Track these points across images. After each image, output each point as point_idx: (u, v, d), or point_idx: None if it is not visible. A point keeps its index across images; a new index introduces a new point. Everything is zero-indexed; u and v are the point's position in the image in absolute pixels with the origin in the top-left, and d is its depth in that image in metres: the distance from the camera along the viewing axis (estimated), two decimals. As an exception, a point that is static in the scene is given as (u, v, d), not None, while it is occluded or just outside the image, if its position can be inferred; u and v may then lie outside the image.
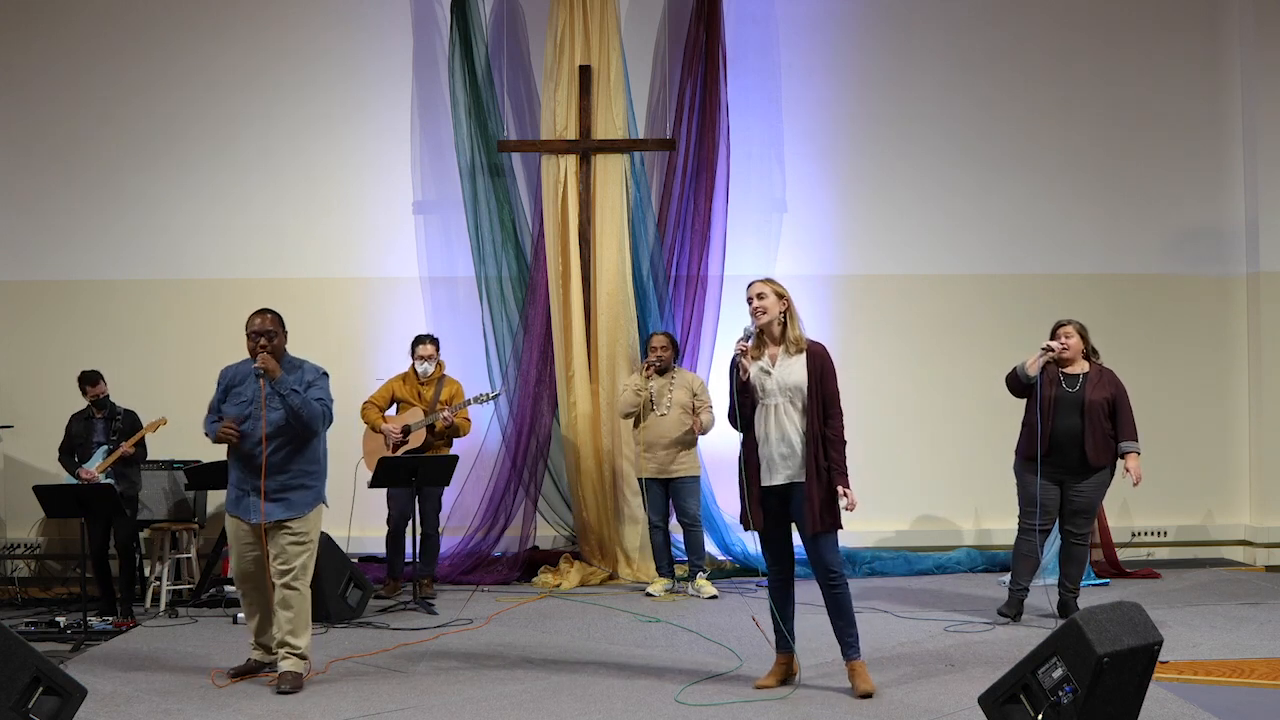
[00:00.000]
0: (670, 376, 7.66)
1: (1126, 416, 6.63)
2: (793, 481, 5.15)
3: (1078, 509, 6.65)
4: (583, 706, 5.08)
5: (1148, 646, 4.26)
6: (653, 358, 7.66)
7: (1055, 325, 6.77)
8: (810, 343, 5.25)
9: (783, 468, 5.16)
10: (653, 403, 7.57)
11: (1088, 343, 6.73)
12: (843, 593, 5.19)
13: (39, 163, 8.67)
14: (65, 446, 7.47)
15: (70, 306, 8.64)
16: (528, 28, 8.71)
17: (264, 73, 8.71)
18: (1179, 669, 5.51)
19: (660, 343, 7.72)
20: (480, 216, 8.46)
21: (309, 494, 5.59)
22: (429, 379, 7.79)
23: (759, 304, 5.23)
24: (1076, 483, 6.62)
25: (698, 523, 7.62)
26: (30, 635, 6.45)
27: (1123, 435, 6.62)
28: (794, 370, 5.18)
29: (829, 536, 5.14)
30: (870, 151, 8.87)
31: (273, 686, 5.42)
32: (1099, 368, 6.72)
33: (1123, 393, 6.66)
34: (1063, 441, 6.56)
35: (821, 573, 5.17)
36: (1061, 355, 6.64)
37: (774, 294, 5.22)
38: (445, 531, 7.99)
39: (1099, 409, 6.55)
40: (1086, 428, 6.53)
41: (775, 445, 5.16)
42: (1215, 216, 8.97)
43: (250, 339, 5.57)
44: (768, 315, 5.21)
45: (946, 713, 4.92)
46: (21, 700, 4.38)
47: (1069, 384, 6.63)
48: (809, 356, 5.20)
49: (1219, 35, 9.00)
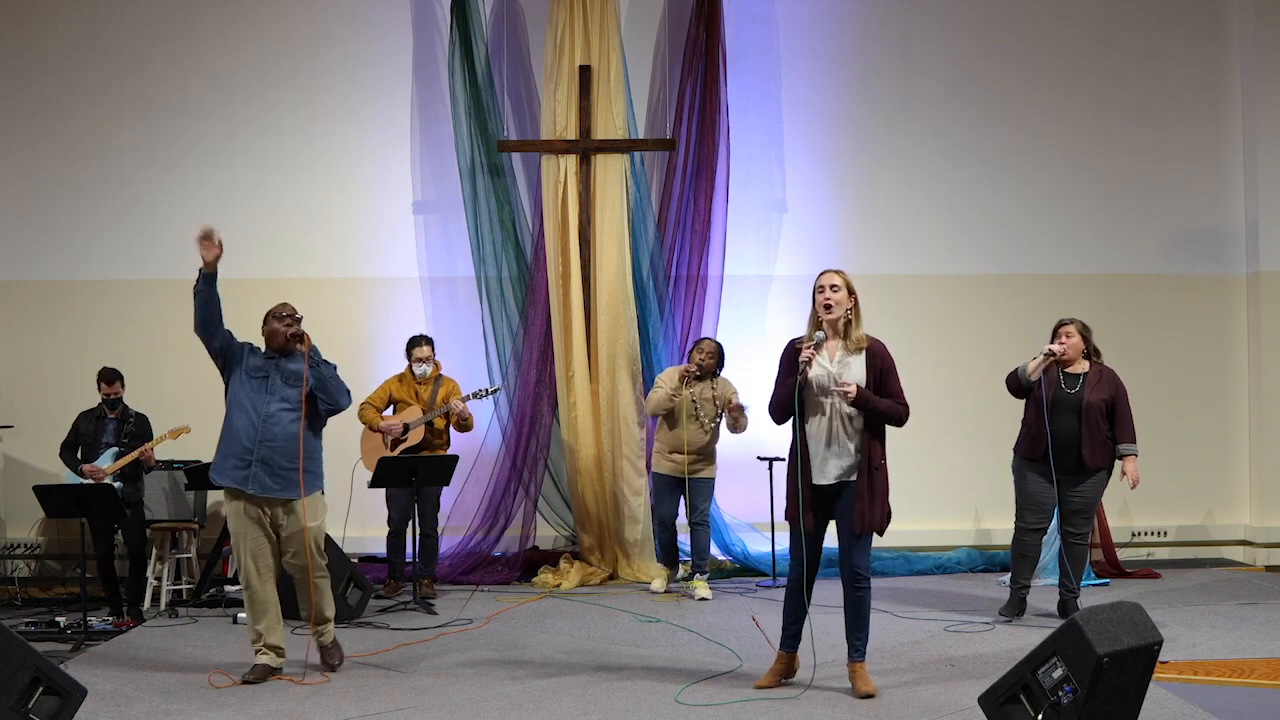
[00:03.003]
0: (711, 384, 7.48)
1: (1125, 418, 6.59)
2: (843, 481, 5.09)
3: (1076, 509, 6.64)
4: (583, 706, 5.08)
5: (1148, 646, 4.26)
6: (693, 365, 7.45)
7: (1057, 324, 6.75)
8: (871, 340, 5.15)
9: (835, 467, 5.08)
10: (696, 411, 7.40)
11: (1089, 342, 6.70)
12: (865, 595, 5.16)
13: (39, 163, 8.68)
14: (70, 443, 7.36)
15: (70, 306, 8.64)
16: (528, 28, 8.72)
17: (264, 73, 8.72)
18: (1179, 669, 5.51)
19: (708, 348, 7.51)
20: (480, 216, 8.46)
21: (310, 478, 5.62)
22: (426, 379, 7.79)
23: (831, 296, 5.08)
24: (1074, 483, 6.61)
25: (706, 522, 7.58)
26: (30, 635, 6.45)
27: (1120, 437, 6.58)
28: (853, 369, 5.08)
29: (866, 538, 5.09)
30: (870, 151, 8.88)
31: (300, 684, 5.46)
32: (1099, 368, 6.69)
33: (1123, 393, 6.62)
34: (1060, 443, 6.54)
35: (849, 573, 5.13)
36: (1062, 356, 6.62)
37: (846, 288, 5.10)
38: (445, 531, 8.00)
39: (1096, 411, 6.53)
40: (1083, 430, 6.51)
41: (828, 444, 5.07)
42: (1215, 216, 8.98)
43: (279, 321, 5.66)
44: (835, 310, 5.09)
45: (946, 713, 4.92)
46: (21, 700, 4.38)
47: (1068, 385, 6.60)
48: (869, 355, 5.10)
49: (1219, 35, 9.00)
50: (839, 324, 5.12)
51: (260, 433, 5.52)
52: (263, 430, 5.52)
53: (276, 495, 5.53)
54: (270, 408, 5.55)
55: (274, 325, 5.68)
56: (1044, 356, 6.57)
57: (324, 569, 5.75)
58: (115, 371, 7.42)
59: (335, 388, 5.67)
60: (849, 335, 5.12)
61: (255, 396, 5.58)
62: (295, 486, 5.55)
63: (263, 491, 5.52)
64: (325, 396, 5.64)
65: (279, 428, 5.54)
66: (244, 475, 5.52)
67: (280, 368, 5.63)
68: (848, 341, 5.12)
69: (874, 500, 5.06)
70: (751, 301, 8.70)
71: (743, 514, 8.40)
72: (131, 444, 7.25)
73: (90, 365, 7.64)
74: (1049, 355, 6.58)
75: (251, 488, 5.52)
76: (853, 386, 5.00)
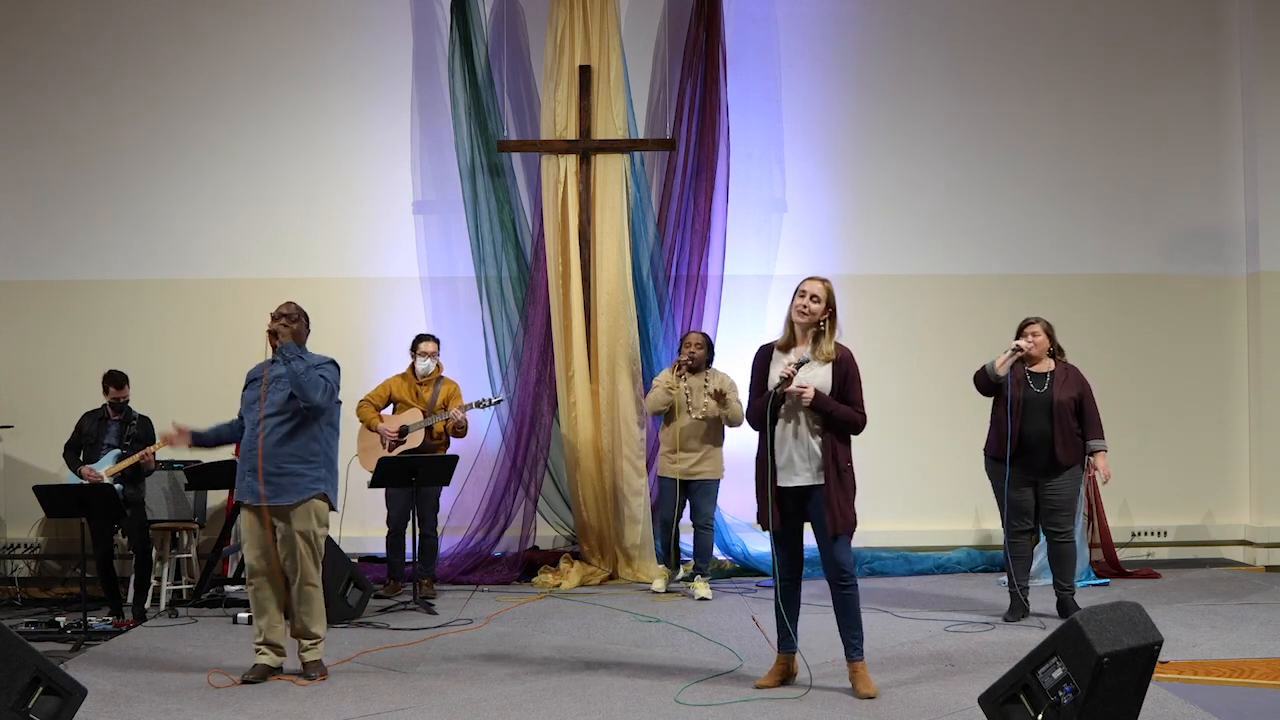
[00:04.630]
0: (704, 377, 7.53)
1: (1092, 414, 6.68)
2: (812, 484, 5.14)
3: (1055, 507, 6.67)
4: (583, 706, 5.08)
5: (1148, 646, 4.26)
6: (684, 356, 7.52)
7: (1022, 323, 6.80)
8: (840, 350, 5.22)
9: (803, 469, 5.14)
10: (688, 404, 7.47)
11: (1054, 341, 6.77)
12: (852, 594, 5.19)
13: (39, 163, 8.67)
14: (73, 443, 7.35)
15: (70, 306, 8.64)
16: (528, 28, 8.72)
17: (264, 73, 8.71)
18: (1179, 669, 5.51)
19: (695, 341, 7.59)
20: (480, 216, 8.46)
21: (303, 481, 5.55)
22: (427, 379, 7.78)
23: (810, 305, 5.17)
24: (1048, 482, 6.65)
25: (710, 525, 7.58)
26: (30, 635, 6.45)
27: (1089, 434, 6.68)
28: (817, 374, 5.17)
29: (845, 538, 5.14)
30: (870, 151, 8.87)
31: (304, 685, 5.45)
32: (1064, 366, 6.75)
33: (1088, 391, 6.71)
34: (1032, 443, 6.59)
35: (834, 573, 5.17)
36: (1029, 354, 6.66)
37: (826, 300, 5.18)
38: (446, 531, 8.00)
39: (1066, 409, 6.60)
40: (1055, 428, 6.57)
41: (795, 447, 5.15)
42: (1215, 216, 8.97)
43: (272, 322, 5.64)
44: (807, 319, 5.18)
45: (946, 713, 4.92)
46: (21, 700, 4.38)
47: (1036, 384, 6.66)
48: (835, 363, 5.18)
49: (1219, 36, 9.00)
50: (808, 331, 5.20)
51: (253, 443, 5.54)
52: (255, 440, 5.54)
53: (273, 503, 5.52)
54: (262, 415, 5.56)
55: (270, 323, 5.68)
56: (1011, 352, 6.62)
57: (316, 580, 5.62)
58: (124, 375, 7.39)
59: (308, 384, 5.50)
60: (819, 344, 5.19)
61: (252, 406, 5.62)
62: (289, 492, 5.53)
63: (256, 501, 5.53)
64: (299, 394, 5.52)
65: (268, 435, 5.52)
66: (244, 487, 5.58)
67: (273, 371, 5.60)
68: (816, 349, 5.19)
69: (846, 501, 5.12)
70: (751, 301, 8.69)
71: (743, 514, 8.37)
72: (134, 446, 7.23)
73: (90, 365, 7.65)
74: (1016, 350, 6.63)
75: (247, 498, 5.56)
76: (810, 389, 5.08)
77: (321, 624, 5.68)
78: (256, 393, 5.63)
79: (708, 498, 7.51)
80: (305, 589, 5.59)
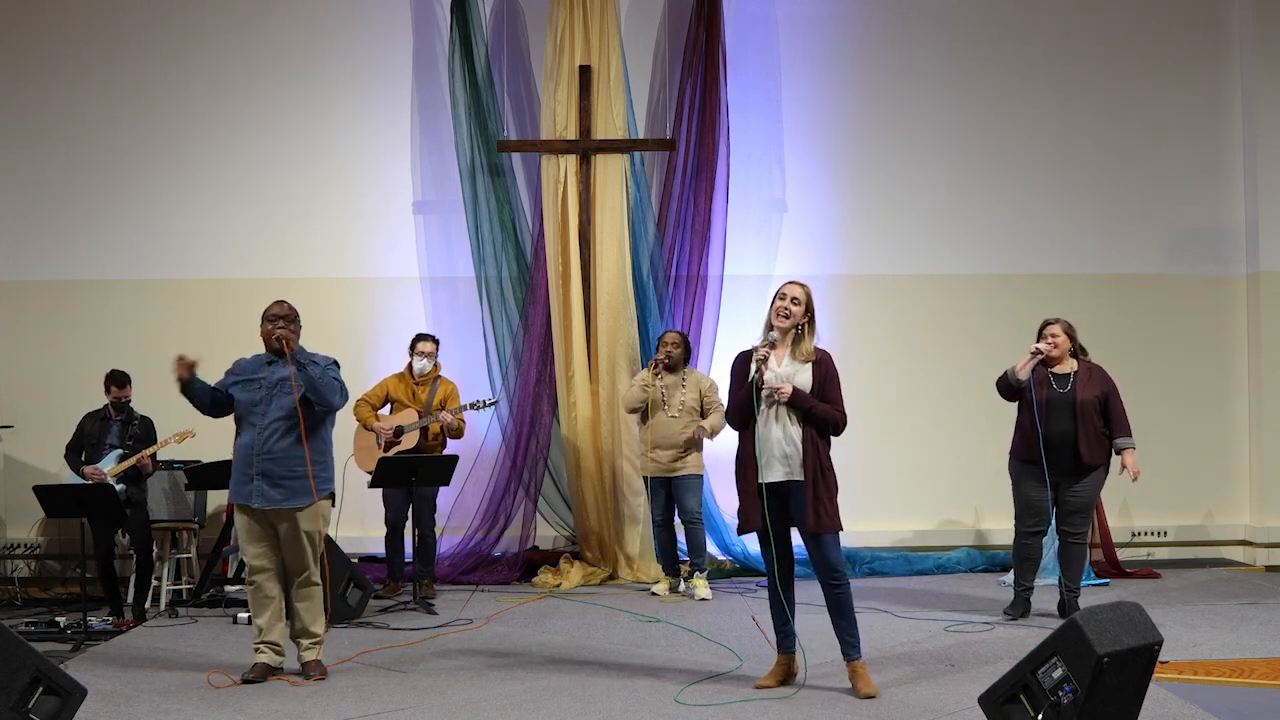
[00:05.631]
0: (681, 376, 7.58)
1: (1119, 412, 6.64)
2: (791, 480, 5.16)
3: (1074, 509, 6.65)
4: (583, 706, 5.08)
5: (1148, 646, 4.25)
6: (661, 354, 7.54)
7: (1042, 324, 6.78)
8: (819, 352, 5.26)
9: (781, 465, 5.16)
10: (664, 402, 7.50)
11: (1075, 341, 6.74)
12: (844, 593, 5.19)
13: (39, 163, 8.67)
14: (75, 444, 7.35)
15: (70, 306, 8.64)
16: (528, 28, 8.72)
17: (264, 73, 8.72)
18: (1179, 669, 5.51)
19: (671, 339, 7.62)
20: (480, 216, 8.46)
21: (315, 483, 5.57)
22: (424, 378, 7.78)
23: (790, 308, 5.21)
24: (1072, 483, 6.62)
25: (698, 520, 7.58)
26: (30, 635, 6.45)
27: (1116, 432, 6.63)
28: (798, 375, 5.20)
29: (830, 536, 5.14)
30: (870, 151, 8.88)
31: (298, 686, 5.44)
32: (1088, 365, 6.72)
33: (1113, 389, 6.67)
34: (1056, 443, 6.55)
35: (824, 572, 5.17)
36: (1050, 355, 6.65)
37: (805, 304, 5.23)
38: (446, 532, 8.00)
39: (1090, 408, 6.56)
40: (1079, 428, 6.53)
41: (775, 444, 5.16)
42: (1215, 216, 8.97)
43: (269, 323, 5.61)
44: (790, 320, 5.22)
45: (946, 713, 4.92)
46: (21, 700, 4.38)
47: (1059, 384, 6.63)
48: (815, 364, 5.23)
49: (1219, 35, 9.00)
50: (788, 334, 5.24)
51: (259, 446, 5.52)
52: (261, 443, 5.52)
53: (280, 506, 5.52)
54: (268, 419, 5.53)
55: (266, 326, 5.64)
56: (1031, 356, 6.60)
57: (318, 577, 5.63)
58: (125, 375, 7.39)
59: (326, 388, 5.53)
60: (798, 346, 5.23)
61: (255, 408, 5.58)
62: (297, 495, 5.53)
63: (267, 505, 5.51)
64: (316, 398, 5.54)
65: (276, 438, 5.51)
66: (248, 490, 5.54)
67: (275, 373, 5.59)
68: (796, 351, 5.24)
69: (829, 499, 5.13)
70: (751, 301, 8.65)
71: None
72: (135, 446, 7.23)
73: (91, 365, 7.65)
74: (1035, 354, 6.61)
75: (256, 502, 5.52)
76: (788, 387, 5.12)
77: (321, 623, 5.68)
78: (256, 394, 5.59)
79: (691, 493, 7.51)
80: (308, 587, 5.60)
